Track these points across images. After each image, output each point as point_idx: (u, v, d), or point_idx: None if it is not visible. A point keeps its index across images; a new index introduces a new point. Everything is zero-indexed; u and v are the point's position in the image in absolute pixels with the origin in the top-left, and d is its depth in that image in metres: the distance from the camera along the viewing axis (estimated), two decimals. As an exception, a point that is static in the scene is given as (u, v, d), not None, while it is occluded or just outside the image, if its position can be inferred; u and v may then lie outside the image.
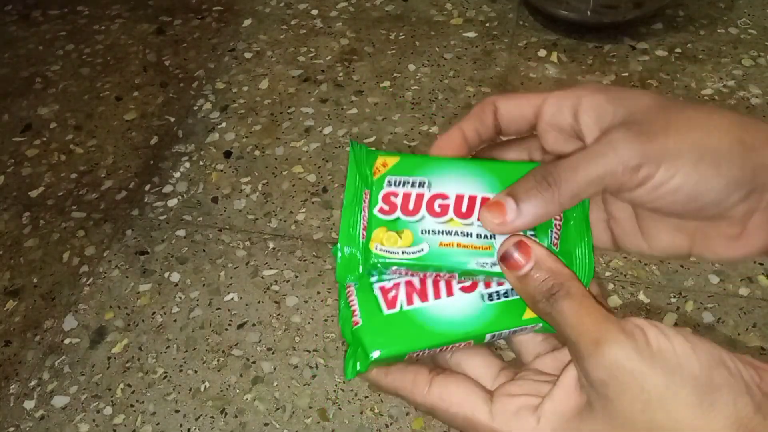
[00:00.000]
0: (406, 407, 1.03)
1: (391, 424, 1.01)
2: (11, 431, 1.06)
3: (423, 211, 0.49)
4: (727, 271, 1.12)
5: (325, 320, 1.13)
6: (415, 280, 0.41)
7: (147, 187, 1.36)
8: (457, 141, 0.46)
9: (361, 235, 0.49)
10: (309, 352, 1.10)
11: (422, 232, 0.48)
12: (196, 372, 1.08)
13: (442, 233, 0.48)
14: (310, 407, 1.04)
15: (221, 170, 1.36)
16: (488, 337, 0.41)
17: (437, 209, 0.49)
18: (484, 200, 0.48)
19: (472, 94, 1.45)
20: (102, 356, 1.12)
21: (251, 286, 1.18)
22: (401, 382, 0.42)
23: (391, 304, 0.41)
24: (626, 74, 1.46)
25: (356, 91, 1.48)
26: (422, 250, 0.48)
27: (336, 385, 1.06)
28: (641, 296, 1.09)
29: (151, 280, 1.21)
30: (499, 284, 0.41)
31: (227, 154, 1.39)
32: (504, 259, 0.41)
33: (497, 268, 0.44)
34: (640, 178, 0.39)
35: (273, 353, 1.10)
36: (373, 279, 0.42)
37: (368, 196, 0.51)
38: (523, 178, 0.42)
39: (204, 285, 1.19)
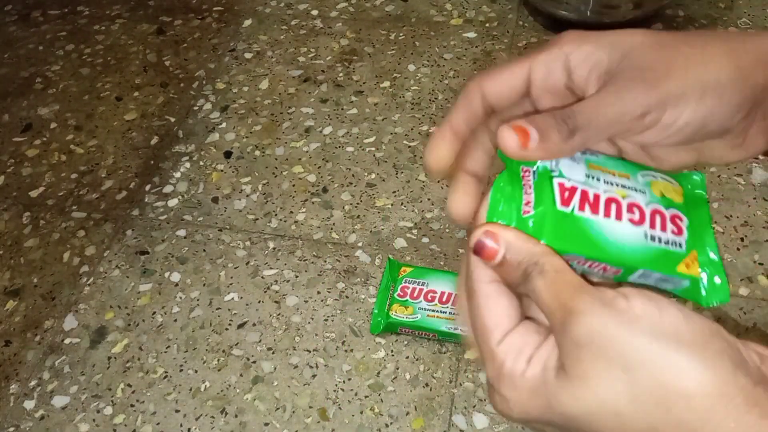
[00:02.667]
0: (405, 407, 1.03)
1: (391, 423, 1.01)
2: (11, 431, 1.05)
3: (421, 297, 1.09)
4: (727, 271, 1.12)
5: (325, 320, 1.13)
6: (590, 193, 0.41)
7: (147, 187, 1.36)
8: (448, 140, 0.45)
9: (386, 306, 1.10)
10: (309, 351, 1.09)
11: (419, 308, 1.09)
12: (196, 372, 1.08)
13: (430, 310, 1.08)
14: (310, 407, 1.04)
15: (221, 170, 1.36)
16: (638, 273, 0.41)
17: (429, 297, 1.09)
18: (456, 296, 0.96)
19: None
20: (102, 356, 1.12)
21: (251, 286, 1.17)
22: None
23: (566, 202, 0.40)
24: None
25: (356, 91, 1.48)
26: (417, 317, 1.08)
27: (336, 385, 1.06)
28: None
29: (152, 280, 1.20)
30: (662, 229, 0.41)
31: (227, 154, 1.39)
32: (477, 250, 0.40)
33: (457, 331, 0.99)
34: (646, 124, 0.40)
35: (273, 353, 1.10)
36: (554, 174, 0.41)
37: (393, 287, 1.12)
38: (543, 115, 0.40)
39: (204, 285, 1.19)
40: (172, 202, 1.32)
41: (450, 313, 1.08)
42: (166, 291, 1.19)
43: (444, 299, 1.09)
